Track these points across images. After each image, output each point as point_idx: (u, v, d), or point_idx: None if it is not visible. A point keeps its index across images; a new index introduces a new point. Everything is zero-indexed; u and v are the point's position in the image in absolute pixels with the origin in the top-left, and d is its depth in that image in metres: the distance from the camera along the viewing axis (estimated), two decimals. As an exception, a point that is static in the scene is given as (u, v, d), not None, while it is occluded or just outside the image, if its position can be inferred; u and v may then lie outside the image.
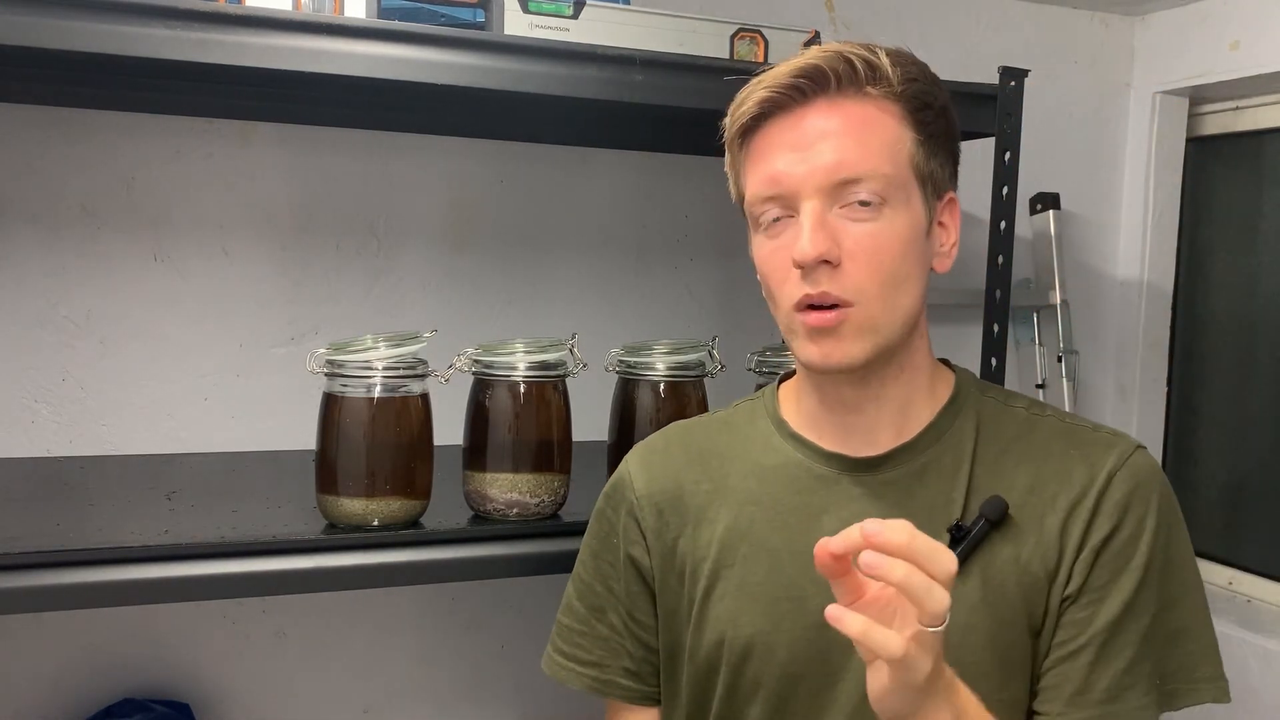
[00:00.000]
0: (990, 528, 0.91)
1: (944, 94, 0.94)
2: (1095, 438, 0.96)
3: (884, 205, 0.88)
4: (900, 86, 0.90)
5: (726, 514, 0.99)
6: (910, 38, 1.84)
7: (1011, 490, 0.93)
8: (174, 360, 1.53)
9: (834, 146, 0.88)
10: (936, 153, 0.92)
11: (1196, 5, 1.92)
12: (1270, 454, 1.95)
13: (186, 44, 1.03)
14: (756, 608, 0.96)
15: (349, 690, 1.65)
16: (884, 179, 0.88)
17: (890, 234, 0.88)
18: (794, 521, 0.96)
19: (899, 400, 0.96)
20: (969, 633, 0.90)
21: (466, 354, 1.20)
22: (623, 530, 1.04)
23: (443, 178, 1.64)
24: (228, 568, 1.08)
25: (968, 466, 0.94)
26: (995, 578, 0.91)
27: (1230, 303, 2.03)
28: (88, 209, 1.48)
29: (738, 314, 1.82)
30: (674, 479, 1.03)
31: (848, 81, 0.89)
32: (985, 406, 0.98)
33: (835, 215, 0.88)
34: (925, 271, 0.94)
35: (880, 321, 0.89)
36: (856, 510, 0.93)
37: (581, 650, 1.06)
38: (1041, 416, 0.98)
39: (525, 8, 1.20)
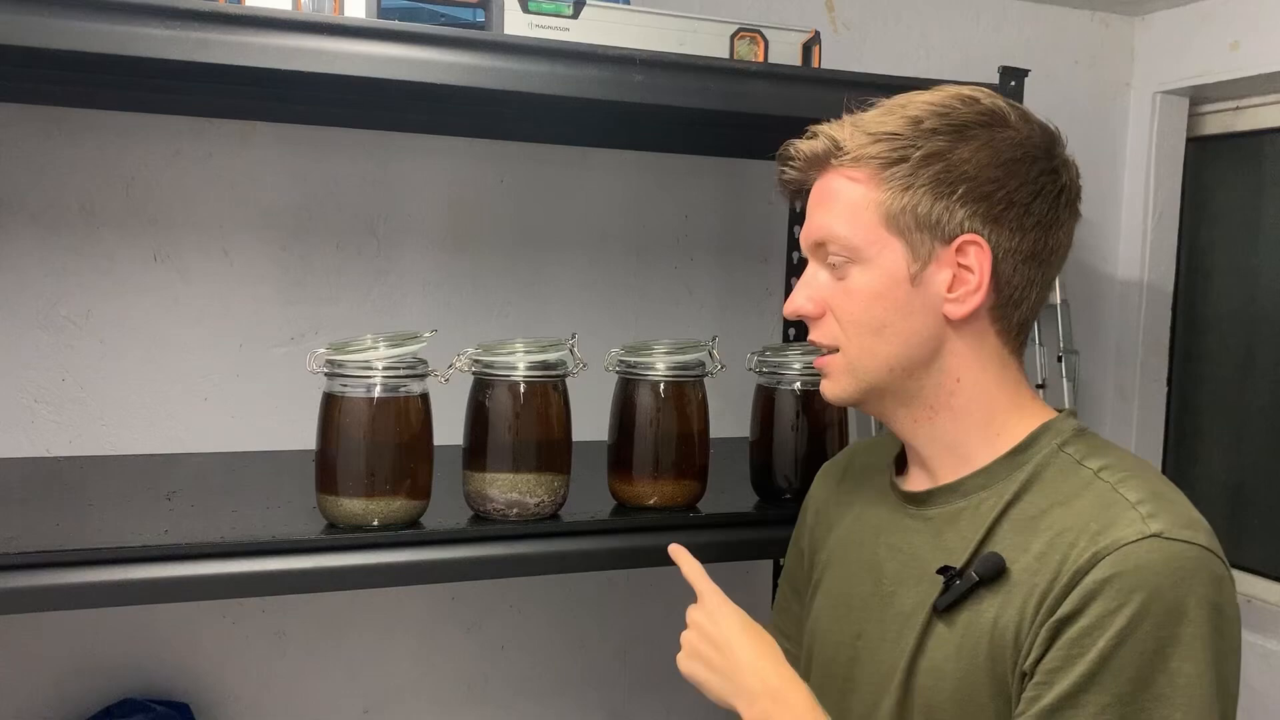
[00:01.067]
0: (977, 583, 0.90)
1: (937, 143, 0.92)
2: (1122, 513, 0.86)
3: (849, 263, 0.96)
4: (858, 151, 0.95)
5: (841, 527, 1.10)
6: (910, 38, 1.86)
7: (1025, 551, 0.89)
8: (174, 360, 1.53)
9: (810, 217, 1.00)
10: (930, 201, 0.92)
11: (1196, 5, 1.92)
12: (1270, 454, 1.95)
13: (186, 44, 1.03)
14: (825, 609, 1.07)
15: (349, 690, 1.65)
16: (842, 241, 0.96)
17: (857, 287, 0.96)
18: (866, 542, 1.05)
19: (947, 440, 0.98)
20: (939, 677, 0.92)
21: (466, 354, 1.20)
22: (802, 525, 1.19)
23: (443, 178, 1.64)
24: (228, 568, 1.07)
25: (994, 518, 0.93)
26: (973, 632, 0.90)
27: (1230, 303, 2.03)
28: (88, 209, 1.48)
29: (738, 314, 1.82)
30: (830, 488, 1.16)
31: (820, 161, 0.99)
32: (1054, 461, 0.93)
33: (826, 272, 0.99)
34: (916, 317, 0.94)
35: (858, 365, 0.98)
36: (898, 539, 1.01)
37: (783, 623, 1.19)
38: (1100, 480, 0.90)
39: (525, 8, 1.20)
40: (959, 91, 0.96)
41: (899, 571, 0.98)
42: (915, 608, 0.95)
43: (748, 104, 1.23)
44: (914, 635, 0.94)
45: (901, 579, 0.98)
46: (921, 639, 0.93)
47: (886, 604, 0.98)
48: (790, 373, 1.33)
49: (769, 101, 1.24)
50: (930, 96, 0.96)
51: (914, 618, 0.95)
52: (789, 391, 1.33)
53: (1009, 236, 0.93)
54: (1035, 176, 0.94)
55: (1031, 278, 0.95)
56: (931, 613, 0.93)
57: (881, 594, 0.99)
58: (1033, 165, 0.94)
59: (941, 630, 0.92)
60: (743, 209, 1.81)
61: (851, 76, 1.29)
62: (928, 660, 0.93)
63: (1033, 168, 0.94)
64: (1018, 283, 0.94)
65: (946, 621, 0.92)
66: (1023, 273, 0.94)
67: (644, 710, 1.82)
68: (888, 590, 0.99)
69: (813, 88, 1.27)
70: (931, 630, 0.93)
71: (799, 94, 1.26)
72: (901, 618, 0.96)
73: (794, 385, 1.33)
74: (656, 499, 1.26)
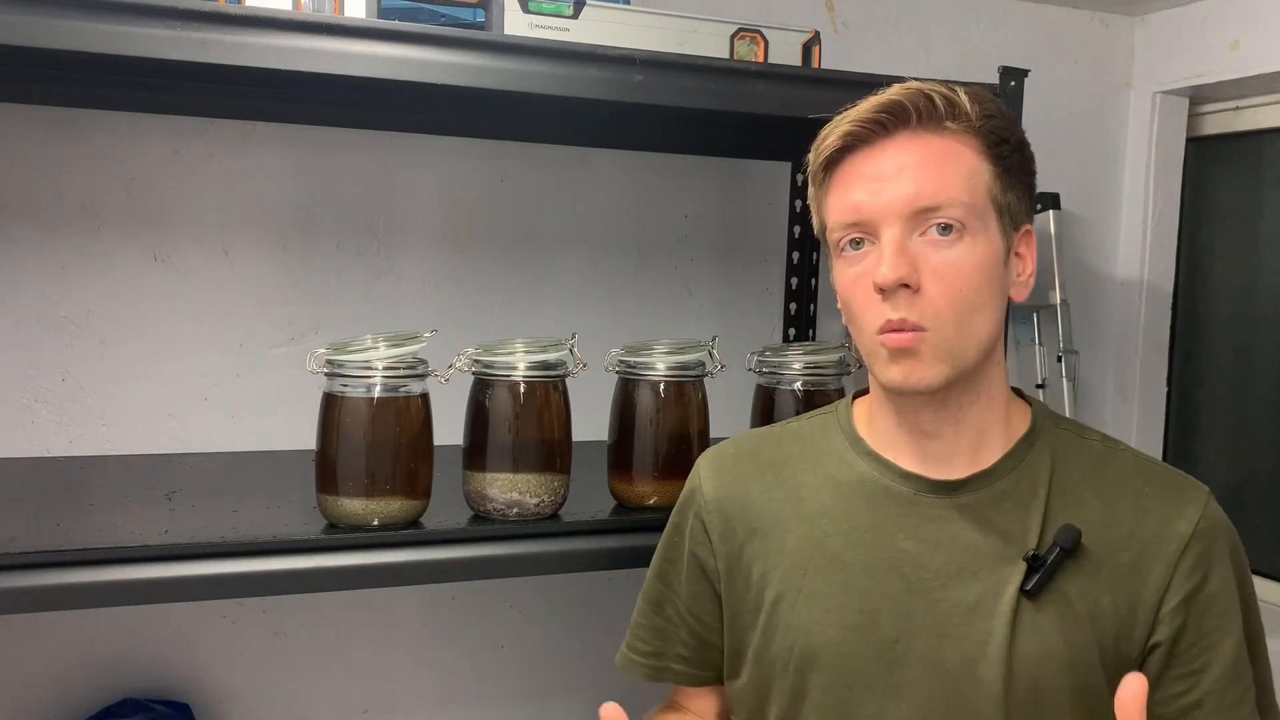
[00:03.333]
0: (1064, 556, 0.93)
1: (1019, 131, 0.98)
2: (1170, 479, 0.99)
3: (963, 232, 0.91)
4: (979, 122, 0.93)
5: (799, 525, 1.02)
6: (910, 38, 1.86)
7: (1086, 522, 0.95)
8: (174, 360, 1.53)
9: (913, 177, 0.91)
10: (1013, 185, 0.95)
11: (1196, 5, 1.92)
12: (1270, 454, 1.95)
13: (186, 44, 1.03)
14: (828, 619, 0.98)
15: (349, 690, 1.65)
16: (963, 206, 0.91)
17: (969, 260, 0.91)
18: (869, 538, 0.98)
19: (975, 426, 0.98)
20: (1046, 660, 0.92)
21: (466, 354, 1.20)
22: (689, 531, 1.08)
23: (443, 178, 1.64)
24: (228, 568, 1.07)
25: (1044, 496, 0.96)
26: (1069, 607, 0.93)
27: (1230, 303, 2.03)
28: (88, 209, 1.48)
29: (738, 314, 1.82)
30: (743, 486, 1.06)
31: (928, 117, 0.93)
32: (1060, 439, 1.00)
33: (915, 243, 0.91)
34: (1002, 300, 0.96)
35: (955, 346, 0.92)
36: (933, 532, 0.96)
37: (641, 642, 1.13)
38: (1115, 451, 1.01)
39: (525, 8, 1.20)
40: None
41: (947, 564, 0.95)
42: (983, 597, 0.93)
43: (748, 104, 1.23)
44: (999, 624, 0.92)
45: (951, 571, 0.95)
46: (1013, 625, 0.92)
47: (934, 599, 0.95)
48: (790, 373, 1.33)
49: (769, 101, 1.24)
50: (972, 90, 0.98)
51: (984, 607, 0.93)
52: (789, 391, 1.33)
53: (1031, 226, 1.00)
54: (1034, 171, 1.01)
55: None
56: (1018, 598, 0.92)
57: (924, 589, 0.95)
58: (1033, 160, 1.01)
59: (1033, 614, 0.92)
60: (743, 209, 1.81)
61: (851, 76, 1.29)
62: (1028, 646, 0.92)
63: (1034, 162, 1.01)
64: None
65: (1037, 604, 0.93)
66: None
67: (644, 710, 1.82)
68: (934, 585, 0.95)
69: (813, 88, 1.27)
70: (1021, 615, 0.92)
71: (799, 94, 1.26)
72: (964, 611, 0.94)
73: (794, 385, 1.33)
74: (656, 499, 1.26)
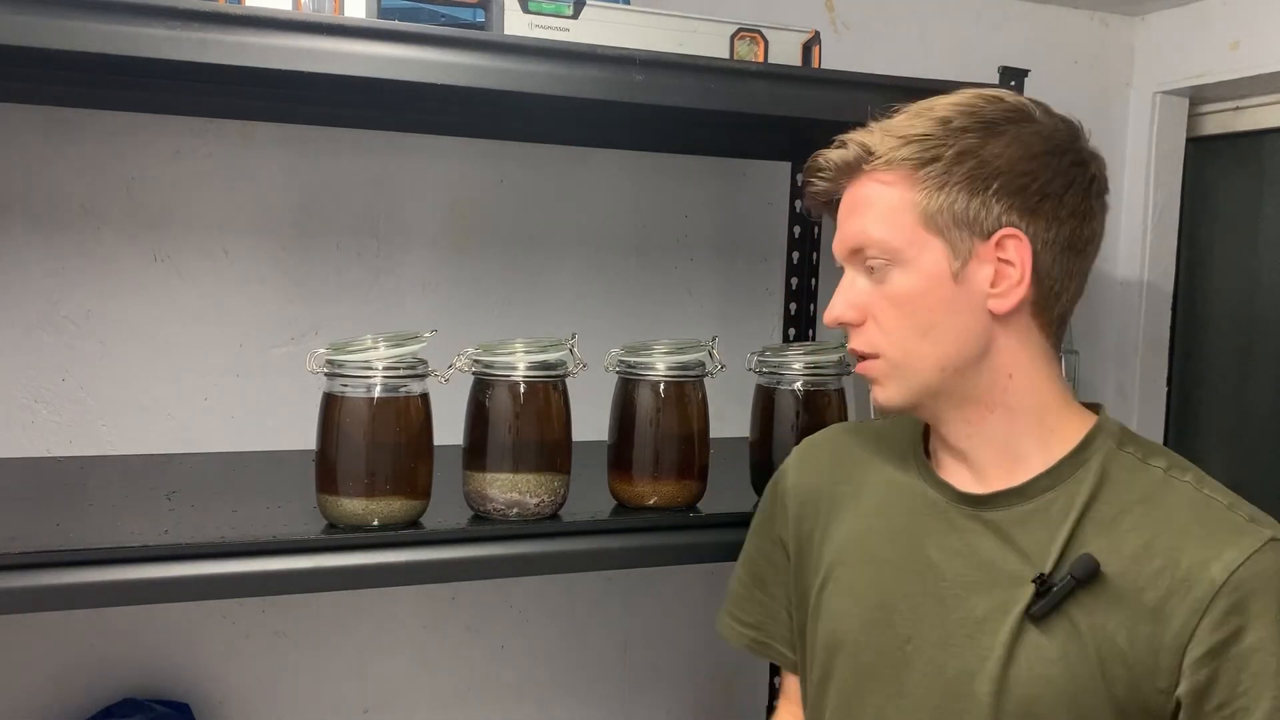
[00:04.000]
0: (1076, 586, 0.90)
1: (968, 140, 0.93)
2: (1225, 518, 0.90)
3: (889, 266, 0.96)
4: (889, 153, 0.95)
5: (854, 518, 1.07)
6: (910, 38, 1.86)
7: (1117, 554, 0.90)
8: (174, 360, 1.53)
9: (842, 225, 1.00)
10: (966, 197, 0.93)
11: (1196, 5, 1.92)
12: (1270, 454, 1.95)
13: (186, 44, 1.03)
14: (854, 611, 1.03)
15: (349, 690, 1.65)
16: (880, 245, 0.96)
17: (902, 289, 0.95)
18: (901, 540, 1.02)
19: (1000, 440, 0.98)
20: (1045, 685, 0.90)
21: (466, 354, 1.20)
22: (776, 514, 1.15)
23: (443, 178, 1.64)
24: (228, 568, 1.07)
25: (1074, 520, 0.93)
26: (1077, 638, 0.90)
27: (1230, 303, 2.03)
28: (88, 209, 1.48)
29: (738, 314, 1.82)
30: (819, 475, 1.12)
31: (851, 170, 0.99)
32: (1117, 461, 0.95)
33: (863, 279, 0.99)
34: (966, 315, 0.95)
35: (905, 369, 0.97)
36: (955, 541, 0.98)
37: (744, 613, 1.18)
38: (1179, 481, 0.94)
39: (525, 8, 1.20)
40: (980, 92, 0.98)
41: (963, 575, 0.96)
42: (991, 613, 0.93)
43: (748, 104, 1.23)
44: (999, 642, 0.92)
45: (966, 583, 0.96)
46: (1012, 646, 0.91)
47: (946, 608, 0.96)
48: (790, 373, 1.33)
49: (769, 101, 1.24)
50: (954, 98, 0.97)
51: (991, 623, 0.93)
52: (789, 391, 1.33)
53: (1046, 228, 0.94)
54: (1066, 168, 0.95)
55: (1070, 268, 0.96)
56: (1023, 619, 0.91)
57: (939, 597, 0.97)
58: (1062, 157, 0.95)
59: (1036, 637, 0.91)
60: (743, 209, 1.81)
61: (851, 76, 1.29)
62: (1025, 669, 0.91)
63: (1062, 159, 0.95)
64: (1057, 274, 0.95)
65: (1042, 628, 0.91)
66: (1061, 263, 0.95)
67: (644, 710, 1.82)
68: (948, 594, 0.96)
69: (813, 88, 1.27)
70: (1023, 637, 0.91)
71: (799, 94, 1.26)
72: (971, 623, 0.94)
73: (794, 385, 1.33)
74: (656, 499, 1.26)
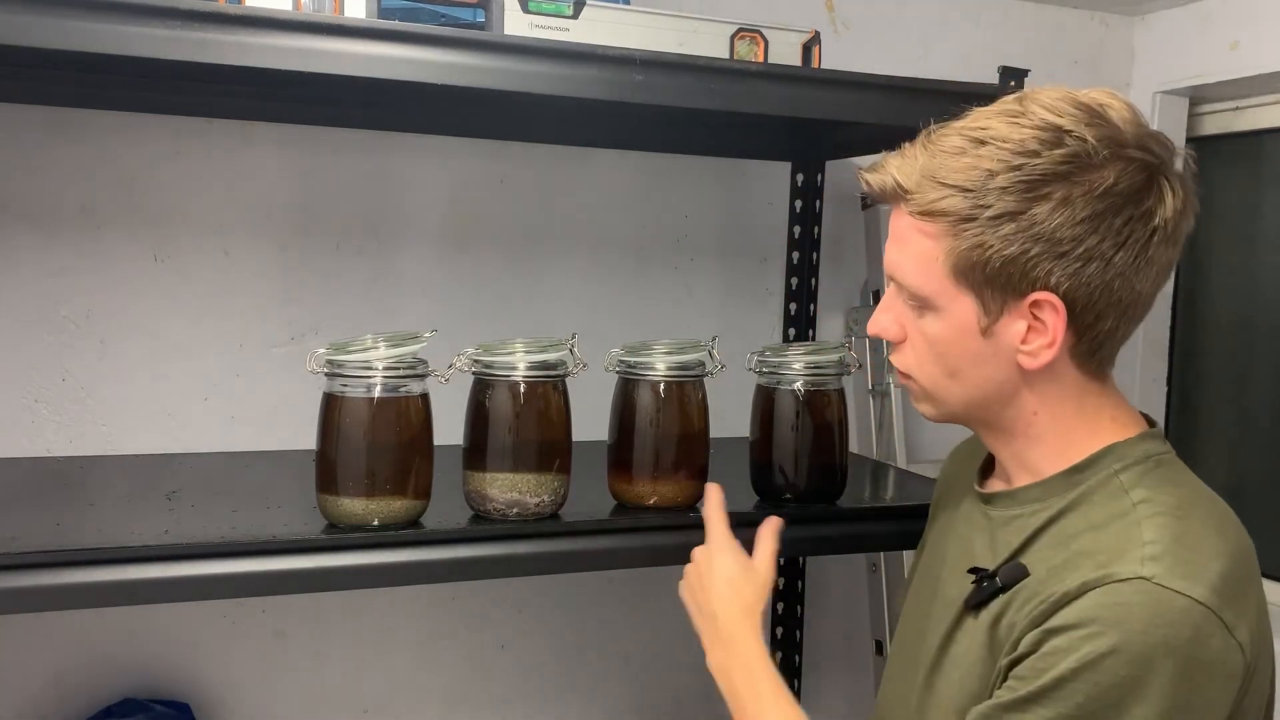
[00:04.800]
0: (1000, 589, 0.94)
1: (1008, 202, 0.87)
2: (1129, 550, 0.85)
3: (924, 307, 0.96)
4: (928, 206, 0.91)
5: (942, 517, 1.15)
6: (910, 38, 1.86)
7: (1046, 565, 0.91)
8: (174, 360, 1.53)
9: (889, 249, 0.99)
10: (1000, 260, 0.88)
11: (1196, 5, 1.92)
12: (1270, 454, 1.95)
13: (186, 44, 1.03)
14: (912, 592, 1.14)
15: (349, 690, 1.65)
16: (913, 288, 0.96)
17: (931, 332, 0.96)
18: (947, 531, 1.11)
19: (1024, 458, 1.00)
20: (954, 667, 0.98)
21: (466, 354, 1.20)
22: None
23: (443, 178, 1.64)
24: (228, 568, 1.07)
25: (1034, 530, 0.95)
26: (980, 635, 0.95)
27: (1230, 303, 2.03)
28: (88, 209, 1.48)
29: (738, 314, 1.82)
30: (950, 469, 1.21)
31: (893, 197, 0.96)
32: (1105, 486, 0.93)
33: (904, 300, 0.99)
34: (993, 368, 0.94)
35: (936, 396, 1.00)
36: (965, 532, 1.06)
37: None
38: (1134, 513, 0.89)
39: (525, 8, 1.20)
40: (1046, 120, 0.89)
41: (955, 563, 1.04)
42: (955, 599, 1.00)
43: (748, 104, 1.23)
44: (947, 624, 1.00)
45: (955, 570, 1.03)
46: (952, 629, 0.99)
47: (937, 593, 1.05)
48: (790, 373, 1.33)
49: (769, 101, 1.24)
50: (1012, 131, 0.89)
51: (952, 608, 1.00)
52: (789, 391, 1.33)
53: (1088, 290, 0.89)
54: (1120, 227, 0.88)
55: (1116, 321, 0.92)
56: (963, 607, 0.98)
57: (939, 584, 1.05)
58: (1117, 215, 0.87)
59: (969, 624, 0.97)
60: (743, 209, 1.81)
61: (851, 76, 1.29)
62: (953, 650, 0.98)
63: (1117, 218, 0.87)
64: (1100, 328, 0.92)
65: (974, 617, 0.97)
66: (1106, 318, 0.91)
67: (644, 710, 1.82)
68: (944, 580, 1.05)
69: (813, 88, 1.27)
70: (962, 623, 0.98)
71: (799, 94, 1.26)
72: (942, 607, 1.02)
73: (794, 385, 1.33)
74: (656, 499, 1.26)
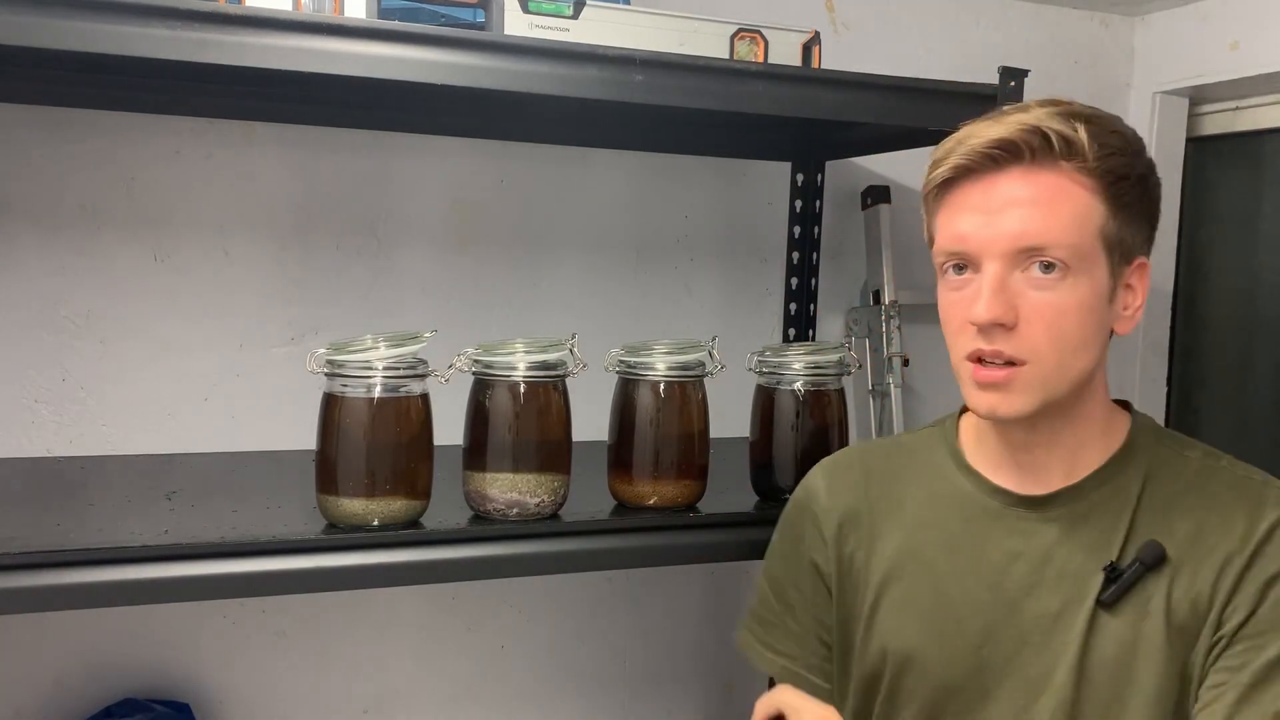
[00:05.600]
0: (1145, 570, 0.94)
1: (1145, 162, 0.96)
2: (1264, 491, 0.97)
3: (1067, 273, 0.92)
4: (1095, 162, 0.92)
5: (900, 534, 1.06)
6: (910, 37, 1.86)
7: (1172, 537, 0.95)
8: (174, 360, 1.53)
9: (1021, 215, 0.91)
10: (1131, 221, 0.94)
11: (1196, 5, 1.92)
12: (1270, 454, 1.95)
13: (186, 44, 1.03)
14: (918, 624, 1.03)
15: (349, 690, 1.65)
16: (1068, 249, 0.91)
17: (1070, 302, 0.92)
18: (958, 547, 1.03)
19: (1070, 445, 0.99)
20: (1120, 668, 0.94)
21: (466, 354, 1.20)
22: (808, 538, 1.12)
23: (443, 178, 1.64)
24: (228, 568, 1.07)
25: (1130, 511, 0.97)
26: (1147, 619, 0.94)
27: (1230, 303, 2.03)
28: (88, 209, 1.48)
29: (738, 314, 1.82)
30: (856, 496, 1.10)
31: (1042, 154, 0.92)
32: (1159, 454, 1.00)
33: (1017, 279, 0.92)
34: (1105, 335, 0.97)
35: (1051, 381, 0.94)
36: (1019, 544, 1.00)
37: (776, 640, 1.14)
38: (1215, 466, 1.00)
39: (525, 8, 1.20)
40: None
41: (1029, 575, 0.98)
42: (1065, 607, 0.96)
43: (748, 104, 1.23)
44: (1075, 634, 0.95)
45: (1035, 582, 0.98)
46: (1087, 635, 0.95)
47: (1017, 608, 0.98)
48: (790, 373, 1.33)
49: (769, 101, 1.24)
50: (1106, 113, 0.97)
51: (1066, 618, 0.96)
52: (789, 391, 1.33)
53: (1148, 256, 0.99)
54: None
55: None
56: (1095, 608, 0.95)
57: (1007, 599, 0.99)
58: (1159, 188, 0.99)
59: (1109, 623, 0.95)
60: (743, 209, 1.81)
61: (851, 76, 1.29)
62: (1099, 655, 0.95)
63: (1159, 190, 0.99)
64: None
65: (1114, 614, 0.95)
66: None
67: (644, 710, 1.82)
68: (1015, 595, 0.99)
69: (813, 88, 1.27)
70: (1097, 625, 0.95)
71: (799, 94, 1.26)
72: (1048, 619, 0.97)
73: (794, 385, 1.33)
74: (656, 499, 1.26)
